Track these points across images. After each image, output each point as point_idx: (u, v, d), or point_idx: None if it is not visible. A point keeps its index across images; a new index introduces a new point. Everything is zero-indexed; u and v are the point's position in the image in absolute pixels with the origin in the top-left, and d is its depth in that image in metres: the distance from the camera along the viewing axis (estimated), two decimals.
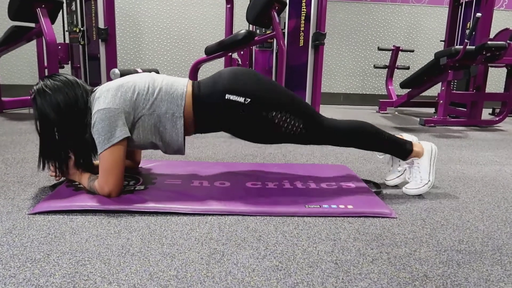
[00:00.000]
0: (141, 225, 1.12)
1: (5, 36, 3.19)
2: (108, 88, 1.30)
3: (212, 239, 1.04)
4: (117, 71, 2.54)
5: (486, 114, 4.53)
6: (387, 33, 5.29)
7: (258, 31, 3.99)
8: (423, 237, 1.09)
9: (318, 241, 1.04)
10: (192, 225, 1.13)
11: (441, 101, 3.40)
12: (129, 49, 4.97)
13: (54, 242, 0.99)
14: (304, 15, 3.24)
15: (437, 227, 1.17)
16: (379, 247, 1.02)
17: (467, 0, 3.89)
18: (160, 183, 1.46)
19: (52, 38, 2.90)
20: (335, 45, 5.26)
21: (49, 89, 1.26)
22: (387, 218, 1.23)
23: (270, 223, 1.16)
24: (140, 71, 2.73)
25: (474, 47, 3.07)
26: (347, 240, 1.06)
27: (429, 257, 0.98)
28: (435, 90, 4.72)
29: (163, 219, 1.16)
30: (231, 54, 3.58)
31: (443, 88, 3.35)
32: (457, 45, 4.04)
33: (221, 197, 1.33)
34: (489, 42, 3.03)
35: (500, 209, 1.35)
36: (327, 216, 1.22)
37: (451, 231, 1.14)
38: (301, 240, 1.05)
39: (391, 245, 1.04)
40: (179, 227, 1.11)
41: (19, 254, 0.93)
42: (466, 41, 2.97)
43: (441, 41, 4.53)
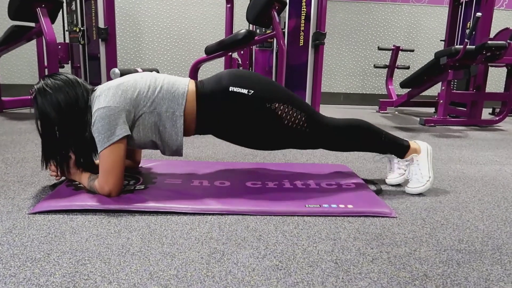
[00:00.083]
0: (141, 224, 1.12)
1: (5, 35, 3.19)
2: (109, 86, 1.29)
3: (212, 239, 1.04)
4: (117, 70, 2.54)
5: (486, 113, 4.53)
6: (387, 33, 5.29)
7: (258, 31, 3.99)
8: (423, 237, 1.09)
9: (318, 241, 1.05)
10: (192, 224, 1.13)
11: (441, 101, 3.40)
12: (129, 49, 4.97)
13: (54, 241, 0.99)
14: (304, 14, 3.24)
15: (437, 226, 1.17)
16: (379, 246, 1.02)
17: None
18: (160, 183, 1.46)
19: (52, 37, 2.90)
20: (335, 45, 5.26)
21: (50, 88, 1.26)
22: (387, 217, 1.23)
23: (270, 223, 1.16)
24: (140, 70, 2.73)
25: (474, 46, 3.07)
26: (347, 239, 1.06)
27: (429, 256, 0.98)
28: (435, 89, 4.72)
29: (163, 219, 1.16)
30: (231, 53, 3.59)
31: (443, 87, 3.35)
32: (457, 44, 4.04)
33: (221, 196, 1.33)
34: (489, 41, 3.02)
35: (500, 208, 1.35)
36: (327, 215, 1.22)
37: (451, 231, 1.14)
38: (301, 239, 1.05)
39: (391, 245, 1.04)
40: (179, 226, 1.11)
41: (19, 253, 0.93)
42: (466, 40, 2.97)
43: (441, 40, 4.53)
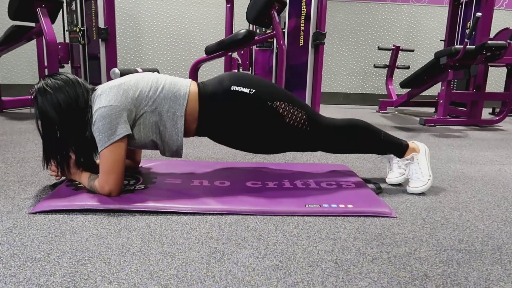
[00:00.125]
0: (141, 224, 1.12)
1: (5, 35, 3.19)
2: (110, 86, 1.30)
3: (212, 239, 1.04)
4: (117, 70, 2.54)
5: (486, 113, 4.53)
6: (387, 33, 5.29)
7: (258, 31, 3.99)
8: (423, 237, 1.09)
9: (318, 241, 1.05)
10: (192, 224, 1.13)
11: (441, 101, 3.40)
12: (129, 49, 4.97)
13: (54, 241, 0.99)
14: (304, 14, 3.24)
15: (437, 226, 1.17)
16: (379, 246, 1.02)
17: None
18: (160, 183, 1.46)
19: (52, 37, 2.90)
20: (335, 45, 5.26)
21: (50, 88, 1.26)
22: (387, 217, 1.23)
23: (270, 223, 1.16)
24: (140, 70, 2.73)
25: (474, 46, 3.07)
26: (347, 239, 1.06)
27: (429, 256, 0.98)
28: (435, 89, 4.72)
29: (163, 219, 1.16)
30: (231, 53, 3.59)
31: (443, 87, 3.35)
32: (457, 44, 4.04)
33: (221, 196, 1.33)
34: (489, 41, 3.03)
35: (500, 208, 1.35)
36: (327, 215, 1.22)
37: (451, 231, 1.14)
38: (301, 239, 1.05)
39: (391, 245, 1.04)
40: (179, 226, 1.11)
41: (19, 253, 0.93)
42: (466, 40, 2.97)
43: (441, 40, 4.53)
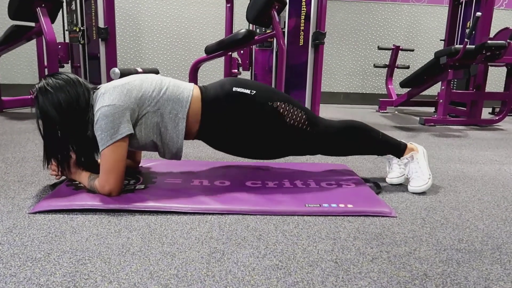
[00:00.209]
0: (141, 224, 1.12)
1: (5, 35, 3.19)
2: (114, 85, 1.30)
3: (212, 238, 1.04)
4: (117, 70, 2.54)
5: (486, 113, 4.53)
6: (387, 32, 5.29)
7: (258, 31, 3.99)
8: (423, 236, 1.09)
9: (318, 240, 1.05)
10: (192, 224, 1.13)
11: (441, 100, 3.40)
12: (129, 49, 4.97)
13: (54, 241, 0.99)
14: (304, 14, 3.24)
15: (437, 226, 1.17)
16: (379, 246, 1.03)
17: None
18: (160, 182, 1.46)
19: (52, 37, 2.90)
20: (335, 45, 5.26)
21: (51, 88, 1.26)
22: (387, 217, 1.23)
23: (270, 222, 1.16)
24: (140, 70, 2.73)
25: (474, 46, 3.07)
26: (347, 239, 1.06)
27: (429, 256, 0.98)
28: (435, 89, 4.72)
29: (163, 218, 1.16)
30: (231, 53, 3.58)
31: (443, 87, 3.35)
32: (457, 44, 4.04)
33: (221, 196, 1.33)
34: (489, 41, 3.03)
35: (499, 208, 1.35)
36: (327, 215, 1.23)
37: (451, 230, 1.14)
38: (301, 239, 1.05)
39: (391, 244, 1.04)
40: (179, 226, 1.11)
41: (19, 253, 0.93)
42: (466, 40, 2.97)
43: (441, 40, 4.53)
